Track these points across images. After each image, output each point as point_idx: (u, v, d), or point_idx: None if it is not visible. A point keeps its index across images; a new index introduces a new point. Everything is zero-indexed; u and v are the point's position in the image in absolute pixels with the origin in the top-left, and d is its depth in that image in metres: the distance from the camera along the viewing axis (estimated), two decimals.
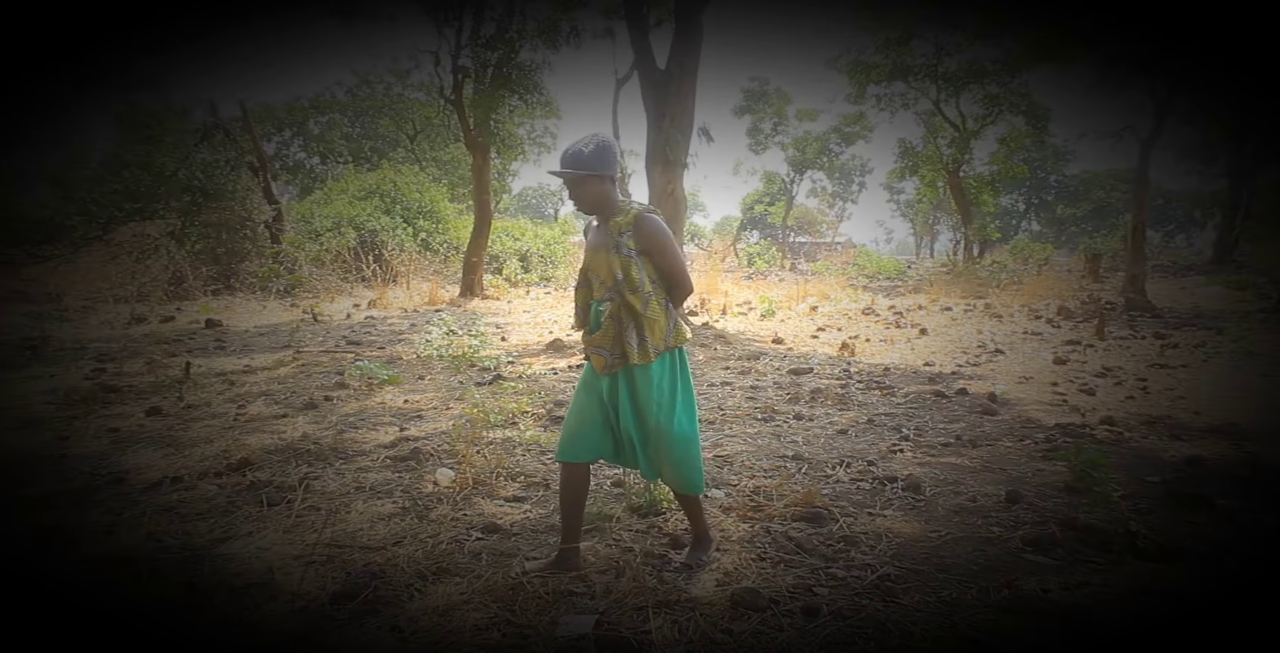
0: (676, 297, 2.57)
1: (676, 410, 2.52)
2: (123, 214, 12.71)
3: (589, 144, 2.47)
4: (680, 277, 2.54)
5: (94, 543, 2.85)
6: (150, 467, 3.86)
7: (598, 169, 2.45)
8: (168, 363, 6.70)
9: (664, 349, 2.49)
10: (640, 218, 2.47)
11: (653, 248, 2.48)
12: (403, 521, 3.13)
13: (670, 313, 2.53)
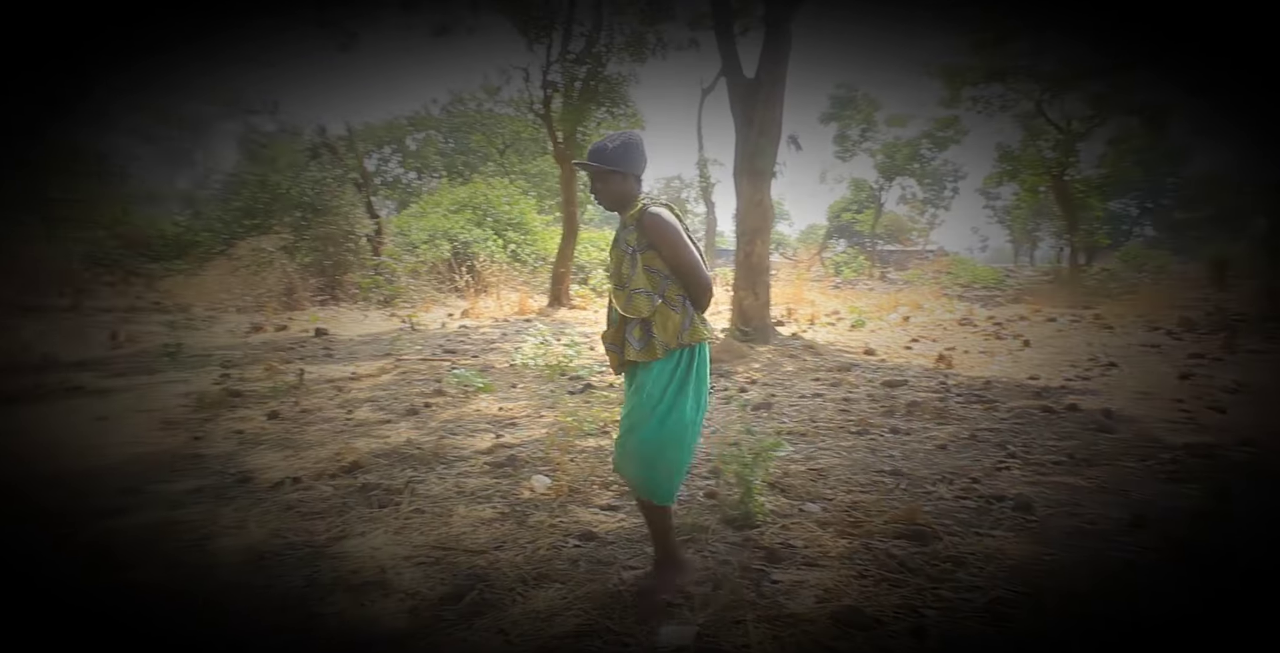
0: (693, 295, 2.43)
1: (659, 411, 2.37)
2: (242, 230, 13.70)
3: (615, 140, 2.45)
4: (690, 273, 2.40)
5: (230, 537, 3.07)
6: (272, 467, 4.13)
7: (619, 165, 2.42)
8: (283, 369, 7.14)
9: (675, 346, 2.38)
10: (644, 212, 2.41)
11: (656, 243, 2.38)
12: (503, 525, 3.23)
13: (685, 309, 2.42)
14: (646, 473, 2.41)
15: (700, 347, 2.45)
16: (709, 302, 2.48)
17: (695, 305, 2.45)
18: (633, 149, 2.44)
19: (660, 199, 2.49)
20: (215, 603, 2.52)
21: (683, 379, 2.41)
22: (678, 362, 2.41)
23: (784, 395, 6.05)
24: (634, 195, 2.48)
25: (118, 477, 3.91)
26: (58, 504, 3.48)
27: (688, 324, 2.41)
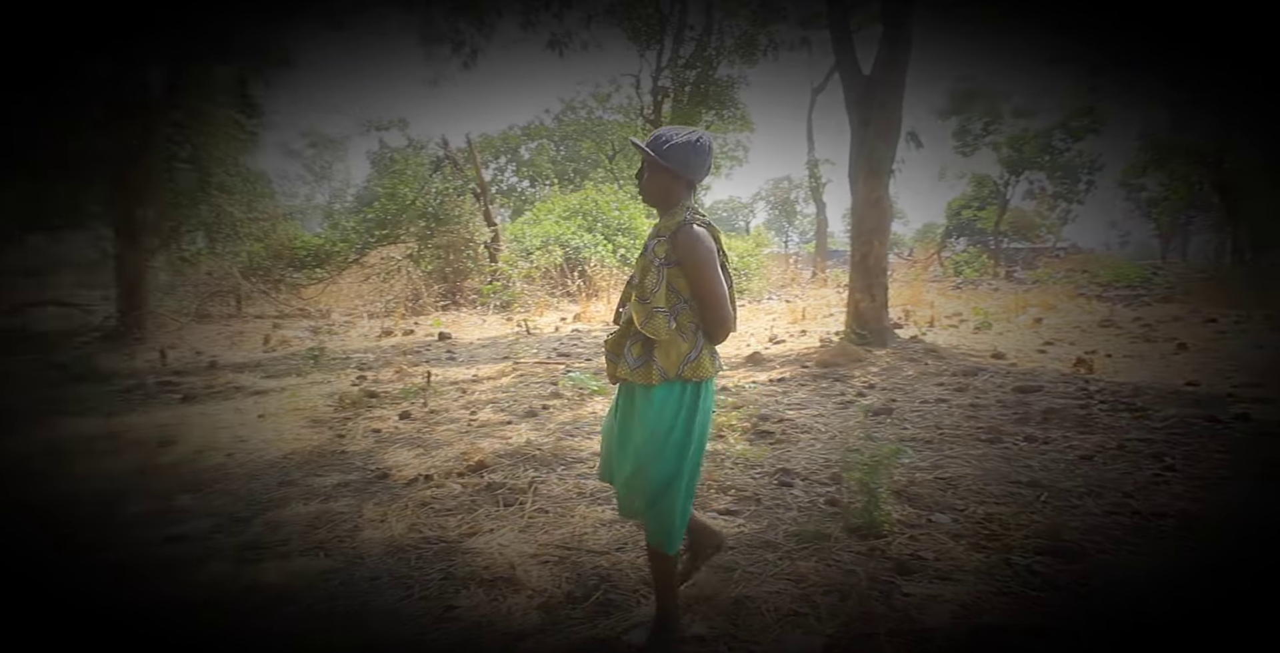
0: (708, 328, 2.20)
1: (669, 448, 2.18)
2: (374, 240, 14.66)
3: (680, 136, 2.22)
4: (711, 303, 2.16)
5: (373, 530, 3.29)
6: (406, 465, 4.38)
7: (672, 162, 2.20)
8: (412, 372, 7.56)
9: (673, 377, 2.16)
10: (682, 226, 2.18)
11: (684, 261, 2.15)
12: (622, 527, 3.27)
13: (695, 339, 2.19)
14: (659, 515, 2.22)
15: (707, 384, 2.24)
16: (724, 338, 2.26)
17: (709, 338, 2.22)
18: (694, 151, 2.21)
19: (704, 217, 2.26)
20: (364, 593, 2.70)
21: (691, 412, 2.21)
22: (683, 393, 2.20)
23: (905, 401, 5.82)
24: (678, 200, 2.24)
25: (277, 471, 4.27)
26: (242, 494, 3.85)
27: (693, 356, 2.18)
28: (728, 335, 2.25)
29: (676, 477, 2.19)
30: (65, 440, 4.92)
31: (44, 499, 3.75)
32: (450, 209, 15.12)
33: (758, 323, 12.42)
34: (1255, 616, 2.31)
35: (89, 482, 4.02)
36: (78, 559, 3.02)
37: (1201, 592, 2.50)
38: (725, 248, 2.30)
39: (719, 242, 2.25)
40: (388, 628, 2.42)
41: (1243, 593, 2.47)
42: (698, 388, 2.21)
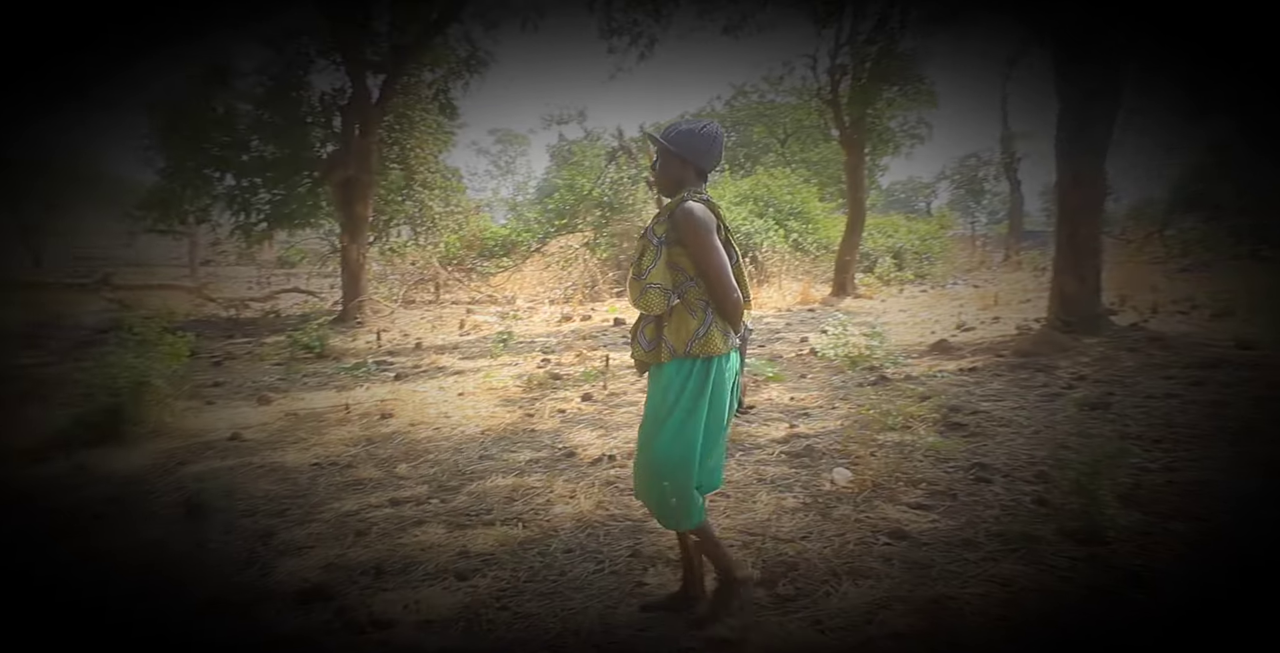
0: (716, 303, 2.20)
1: (669, 426, 2.17)
2: (553, 229, 15.44)
3: (691, 125, 2.32)
4: (714, 279, 2.17)
5: (564, 505, 3.48)
6: (590, 444, 4.58)
7: (681, 149, 2.26)
8: (591, 356, 7.89)
9: (683, 354, 2.18)
10: (679, 204, 2.21)
11: (684, 239, 2.18)
12: (806, 516, 3.21)
13: (703, 316, 2.19)
14: (657, 497, 2.23)
15: (718, 360, 2.21)
16: (736, 313, 2.22)
17: (721, 314, 2.21)
18: (702, 138, 2.28)
19: (703, 194, 2.28)
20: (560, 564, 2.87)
21: (696, 392, 2.18)
22: (690, 371, 2.19)
23: (1125, 395, 5.18)
24: (684, 184, 2.30)
25: (477, 445, 4.64)
26: (448, 465, 4.25)
27: (702, 333, 2.18)
28: (738, 309, 2.22)
29: (690, 455, 2.18)
30: (312, 411, 5.66)
31: (300, 462, 4.35)
32: (624, 198, 15.54)
33: (941, 309, 11.63)
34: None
35: (331, 448, 4.60)
36: (316, 515, 3.48)
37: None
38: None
39: (721, 218, 2.26)
40: (583, 601, 2.55)
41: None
42: (707, 364, 2.20)
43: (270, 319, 12.11)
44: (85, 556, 3.00)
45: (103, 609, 2.55)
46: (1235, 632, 2.13)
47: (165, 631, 2.39)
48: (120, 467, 4.21)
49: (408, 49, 10.64)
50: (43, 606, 2.56)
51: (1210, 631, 2.16)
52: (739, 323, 2.26)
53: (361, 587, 2.69)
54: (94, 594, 2.66)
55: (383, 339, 9.60)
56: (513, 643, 2.26)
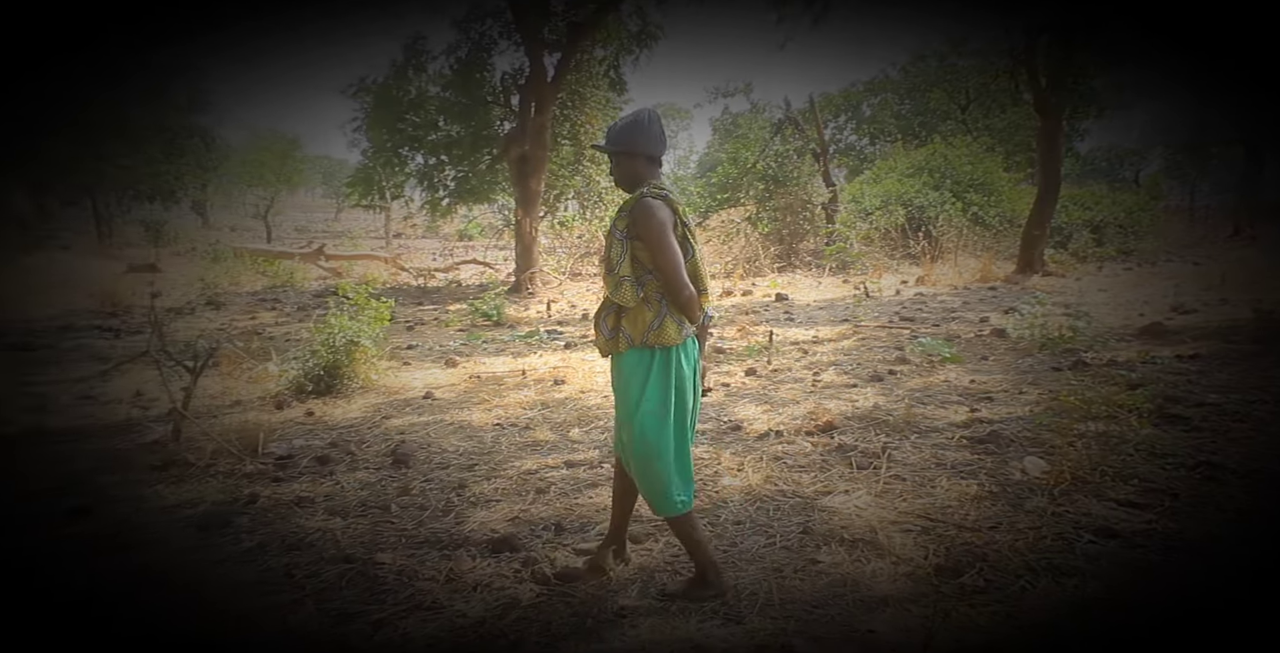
0: (670, 297, 2.27)
1: (645, 416, 2.29)
2: (715, 204, 15.35)
3: (623, 120, 2.39)
4: (668, 274, 2.24)
5: (732, 477, 3.50)
6: (755, 419, 4.56)
7: (623, 145, 2.34)
8: (754, 331, 7.82)
9: (640, 344, 2.28)
10: (638, 200, 2.29)
11: (640, 234, 2.26)
12: (993, 505, 3.01)
13: (660, 308, 2.28)
14: (647, 484, 2.33)
15: (675, 350, 2.30)
16: (690, 307, 2.28)
17: (675, 307, 2.28)
18: (638, 128, 2.34)
19: (664, 189, 2.32)
20: (730, 535, 2.90)
21: (660, 379, 2.29)
22: (650, 361, 2.30)
23: None
24: (644, 177, 2.36)
25: None
26: None
27: (656, 324, 2.27)
28: (692, 303, 2.28)
29: (660, 443, 2.28)
30: (492, 375, 6.08)
31: (484, 421, 4.69)
32: (789, 171, 15.12)
33: (1150, 289, 10.35)
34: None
35: (511, 409, 4.92)
36: (500, 471, 3.73)
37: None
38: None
39: (679, 214, 2.31)
40: (756, 572, 2.56)
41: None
42: (666, 354, 2.30)
43: (453, 288, 13.09)
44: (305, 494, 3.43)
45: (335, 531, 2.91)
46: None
47: (383, 561, 2.68)
48: (338, 416, 4.76)
49: (583, 26, 10.89)
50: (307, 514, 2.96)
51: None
52: (694, 315, 2.33)
53: (544, 541, 2.87)
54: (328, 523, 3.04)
55: (552, 309, 10.07)
56: (688, 607, 2.32)
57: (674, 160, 34.50)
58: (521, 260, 11.98)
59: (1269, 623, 2.06)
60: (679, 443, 2.34)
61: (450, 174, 13.13)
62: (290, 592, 2.45)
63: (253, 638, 2.13)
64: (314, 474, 3.67)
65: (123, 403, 5.04)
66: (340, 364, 5.30)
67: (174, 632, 2.13)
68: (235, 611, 2.21)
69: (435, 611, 2.33)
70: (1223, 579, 2.32)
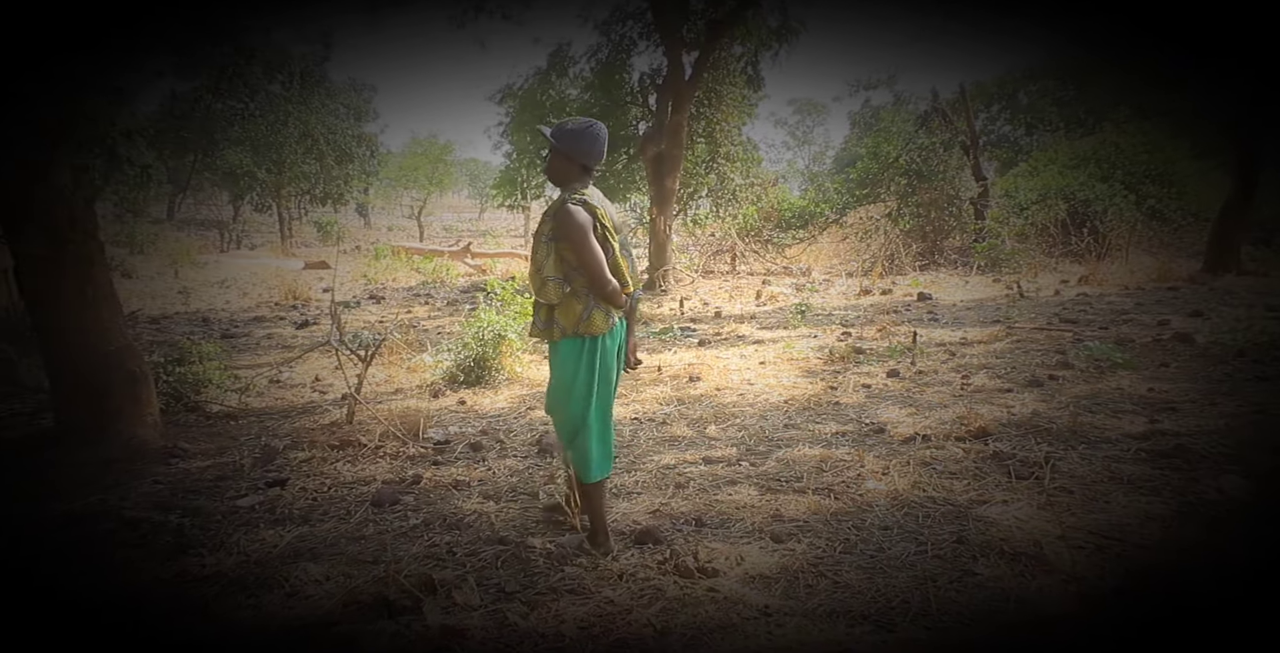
0: (594, 292, 2.55)
1: (574, 395, 2.60)
2: (854, 200, 14.84)
3: (576, 124, 2.58)
4: (591, 273, 2.52)
5: (876, 481, 3.39)
6: (900, 422, 4.38)
7: (566, 147, 2.55)
8: (895, 331, 7.50)
9: (572, 334, 2.56)
10: (559, 205, 2.53)
11: (562, 237, 2.51)
12: (1183, 526, 2.72)
13: (586, 301, 2.55)
14: (573, 452, 2.67)
15: (601, 338, 2.58)
16: (614, 299, 2.56)
17: (602, 301, 2.56)
18: (584, 137, 2.55)
19: (582, 197, 2.54)
20: (877, 540, 2.81)
21: (588, 365, 2.58)
22: (582, 348, 2.57)
23: None
24: (573, 181, 2.59)
25: (781, 414, 4.71)
26: (754, 431, 4.40)
27: (585, 316, 2.54)
28: (615, 296, 2.56)
29: (585, 418, 2.61)
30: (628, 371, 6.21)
31: (622, 415, 4.81)
32: (934, 165, 14.34)
33: None
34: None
35: (648, 404, 5.01)
36: (640, 465, 3.81)
37: None
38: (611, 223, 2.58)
39: (599, 217, 2.55)
40: (906, 580, 2.46)
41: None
42: (594, 342, 2.58)
43: None
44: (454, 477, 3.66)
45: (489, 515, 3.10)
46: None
47: (533, 545, 2.82)
48: (487, 405, 5.04)
49: (722, 24, 10.87)
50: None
51: None
52: (619, 305, 2.63)
53: (685, 535, 2.90)
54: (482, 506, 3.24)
55: (685, 307, 10.13)
56: (835, 610, 2.27)
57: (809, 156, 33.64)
58: (655, 258, 12.14)
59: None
60: (602, 419, 2.67)
61: None
62: (454, 567, 2.63)
63: (429, 605, 2.30)
64: (468, 460, 3.90)
65: (305, 387, 5.60)
66: (488, 357, 5.60)
67: (366, 599, 2.35)
68: (412, 581, 2.40)
69: (584, 595, 2.42)
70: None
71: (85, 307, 3.61)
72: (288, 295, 11.37)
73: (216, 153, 21.63)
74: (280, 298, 11.34)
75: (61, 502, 3.24)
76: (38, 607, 2.31)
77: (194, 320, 9.27)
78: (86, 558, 2.69)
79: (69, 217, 3.53)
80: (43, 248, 3.50)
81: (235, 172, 21.84)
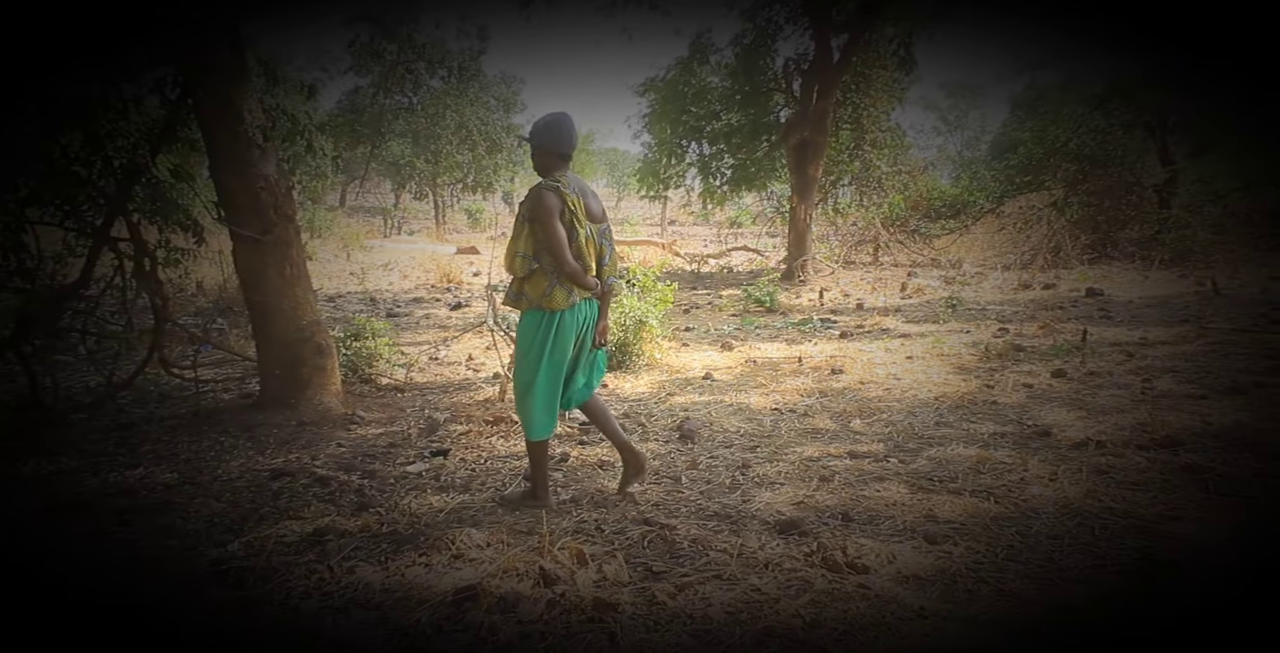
0: (557, 268, 2.82)
1: (527, 360, 2.90)
2: (1013, 188, 13.76)
3: (543, 120, 2.92)
4: (553, 252, 2.80)
5: (1041, 486, 3.16)
6: (1069, 426, 4.04)
7: (538, 141, 2.90)
8: (1059, 328, 6.92)
9: (535, 307, 2.86)
10: (535, 189, 2.84)
11: (533, 218, 2.81)
12: None
13: (551, 278, 2.83)
14: (520, 411, 2.99)
15: (560, 313, 2.85)
16: (574, 278, 2.83)
17: (565, 279, 2.83)
18: (553, 130, 2.88)
19: (558, 182, 2.82)
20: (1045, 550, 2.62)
21: (544, 335, 2.85)
22: (541, 320, 2.86)
23: None
24: (552, 168, 2.88)
25: (931, 411, 4.49)
26: (903, 427, 4.24)
27: (548, 291, 2.82)
28: (575, 275, 2.83)
29: (533, 383, 2.90)
30: (768, 360, 6.16)
31: (762, 405, 4.77)
32: (1111, 149, 13.01)
33: None
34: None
35: (788, 395, 4.93)
36: (781, 455, 3.75)
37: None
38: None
39: (568, 202, 2.80)
40: (1084, 595, 2.28)
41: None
42: (553, 316, 2.86)
43: (724, 274, 13.43)
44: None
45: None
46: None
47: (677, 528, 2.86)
48: (628, 389, 5.16)
49: (875, 5, 10.40)
50: None
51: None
52: (582, 285, 2.87)
53: (831, 529, 2.84)
54: None
55: (825, 297, 9.86)
56: (1000, 619, 2.14)
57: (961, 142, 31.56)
58: (794, 248, 11.88)
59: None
60: (550, 385, 2.93)
61: (728, 162, 13.42)
62: (602, 543, 2.72)
63: (582, 577, 2.40)
64: None
65: (460, 365, 5.97)
66: (629, 342, 5.71)
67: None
68: (565, 553, 2.51)
69: (731, 581, 2.42)
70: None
71: (285, 285, 4.04)
72: (442, 279, 12.15)
73: (383, 145, 23.42)
74: (435, 281, 12.14)
75: (267, 457, 3.66)
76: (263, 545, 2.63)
77: (363, 300, 10.12)
78: (289, 509, 3.03)
79: (274, 203, 3.96)
80: (253, 232, 3.95)
81: (398, 162, 23.58)
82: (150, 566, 2.51)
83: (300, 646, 2.07)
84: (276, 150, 4.08)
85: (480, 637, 2.08)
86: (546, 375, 2.90)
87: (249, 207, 3.94)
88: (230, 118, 3.83)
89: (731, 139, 13.22)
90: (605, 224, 3.02)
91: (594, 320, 3.01)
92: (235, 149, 3.88)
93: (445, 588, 2.35)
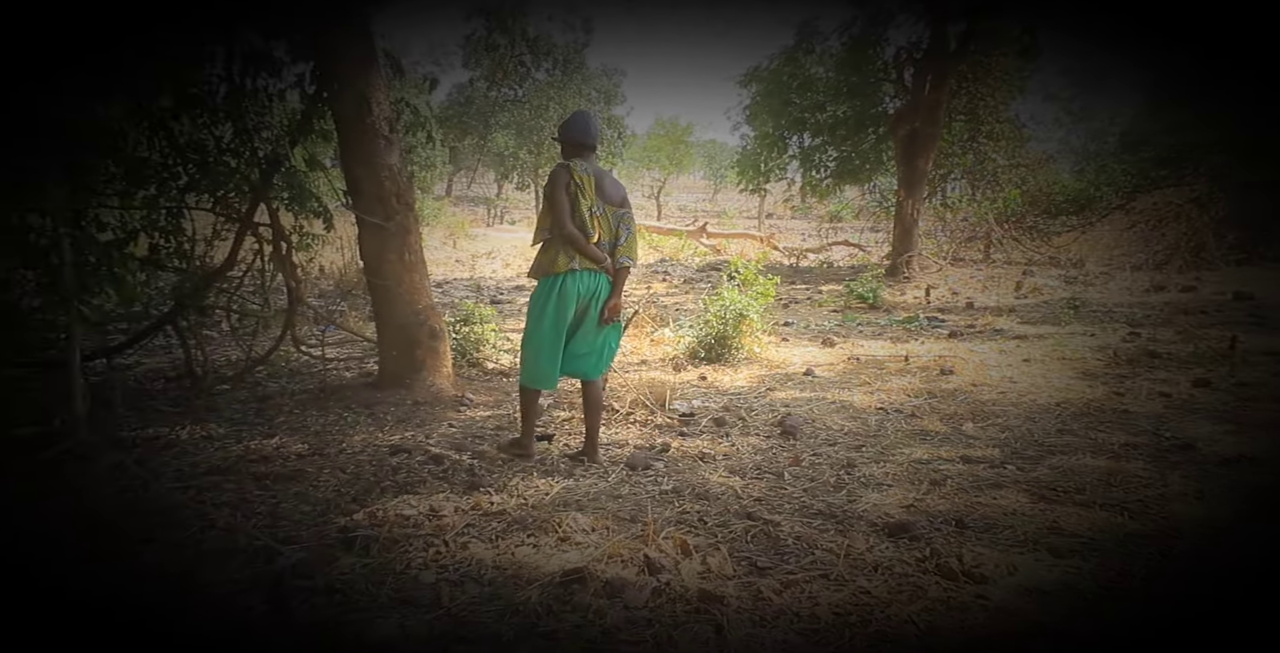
0: (555, 232, 3.18)
1: (531, 318, 3.29)
2: (1147, 182, 12.73)
3: (569, 117, 3.37)
4: (553, 214, 3.17)
5: (1183, 504, 2.92)
6: (1216, 440, 3.72)
7: (561, 134, 3.33)
8: (1201, 334, 6.37)
9: (544, 274, 3.23)
10: (552, 168, 3.26)
11: (544, 193, 3.28)
12: None
13: (557, 247, 3.18)
14: (521, 358, 3.40)
15: (561, 278, 3.19)
16: (571, 242, 3.15)
17: (562, 242, 3.17)
18: (570, 126, 3.30)
19: (571, 164, 3.20)
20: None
21: (547, 298, 3.22)
22: (549, 285, 3.22)
23: None
24: (573, 157, 3.25)
25: (1052, 417, 4.23)
26: (1020, 433, 4.02)
27: (554, 258, 3.19)
28: (572, 240, 3.14)
29: (534, 335, 3.26)
30: (872, 358, 5.97)
31: (866, 403, 4.62)
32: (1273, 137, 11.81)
33: None
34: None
35: (894, 395, 4.77)
36: (888, 456, 3.63)
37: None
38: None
39: (577, 178, 3.15)
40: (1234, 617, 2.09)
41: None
42: (556, 280, 3.19)
43: (824, 269, 13.09)
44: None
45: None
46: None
47: (781, 524, 2.82)
48: (727, 382, 5.12)
49: None
50: None
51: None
52: (582, 250, 3.15)
53: (944, 535, 2.72)
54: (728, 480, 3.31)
55: (931, 295, 9.46)
56: (1141, 640, 1.99)
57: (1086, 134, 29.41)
58: (900, 243, 11.45)
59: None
60: (550, 341, 3.22)
61: (832, 154, 13.06)
62: (705, 535, 2.71)
63: (687, 567, 2.40)
64: (712, 434, 3.99)
65: None
66: (729, 335, 5.66)
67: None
68: (669, 543, 2.52)
69: (839, 582, 2.36)
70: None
71: (404, 269, 4.24)
72: None
73: (489, 136, 24.16)
74: None
75: (386, 433, 3.86)
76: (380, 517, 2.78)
77: (469, 286, 10.49)
78: (407, 483, 3.18)
79: (397, 192, 4.15)
80: (378, 218, 4.16)
81: (503, 153, 24.26)
82: (289, 529, 2.70)
83: (421, 613, 2.17)
84: (400, 141, 4.27)
85: (588, 619, 2.12)
86: (547, 332, 3.23)
87: (374, 194, 4.15)
88: (361, 109, 4.03)
89: (836, 131, 12.84)
90: (625, 209, 3.32)
91: (603, 295, 3.28)
92: (364, 140, 4.09)
93: (553, 569, 2.40)
